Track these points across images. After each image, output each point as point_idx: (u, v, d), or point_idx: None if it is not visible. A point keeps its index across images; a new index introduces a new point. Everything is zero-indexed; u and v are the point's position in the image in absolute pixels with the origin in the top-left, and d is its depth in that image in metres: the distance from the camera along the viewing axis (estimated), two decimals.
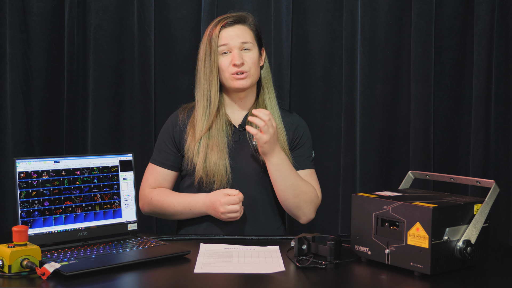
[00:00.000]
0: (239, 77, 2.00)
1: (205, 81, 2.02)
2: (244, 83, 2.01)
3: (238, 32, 2.02)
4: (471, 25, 2.63)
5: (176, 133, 2.08)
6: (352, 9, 2.67)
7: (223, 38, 2.01)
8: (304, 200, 2.02)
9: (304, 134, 2.12)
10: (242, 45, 2.01)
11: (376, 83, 2.68)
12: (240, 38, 2.01)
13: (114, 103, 2.75)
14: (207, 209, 1.98)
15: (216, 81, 2.01)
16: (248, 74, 2.01)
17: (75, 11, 2.70)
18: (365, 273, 1.60)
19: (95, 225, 1.82)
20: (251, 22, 2.07)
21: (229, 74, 2.00)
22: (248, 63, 2.01)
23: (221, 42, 2.00)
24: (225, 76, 2.01)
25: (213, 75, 2.01)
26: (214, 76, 2.01)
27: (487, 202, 1.61)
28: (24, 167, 1.70)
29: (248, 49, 2.03)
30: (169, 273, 1.59)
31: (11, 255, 1.48)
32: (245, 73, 2.00)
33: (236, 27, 2.03)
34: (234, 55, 1.99)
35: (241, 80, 2.00)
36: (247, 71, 2.01)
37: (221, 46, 2.01)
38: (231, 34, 2.01)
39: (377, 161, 2.70)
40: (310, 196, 2.03)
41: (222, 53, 2.01)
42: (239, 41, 2.01)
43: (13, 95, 2.68)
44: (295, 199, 2.00)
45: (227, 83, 2.02)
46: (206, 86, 2.02)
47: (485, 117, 2.58)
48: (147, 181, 2.11)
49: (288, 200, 2.01)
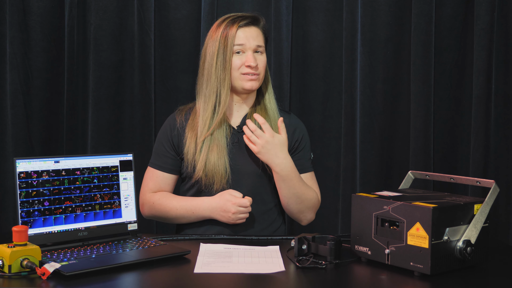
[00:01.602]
0: (251, 78, 2.00)
1: (216, 78, 1.99)
2: (254, 84, 2.01)
3: (254, 34, 2.02)
4: (471, 25, 2.63)
5: (174, 137, 2.07)
6: (352, 9, 2.67)
7: (240, 37, 2.00)
8: (306, 206, 2.04)
9: (303, 137, 2.12)
10: (256, 47, 2.01)
11: (376, 83, 2.68)
12: (256, 40, 2.01)
13: (114, 103, 2.75)
14: (212, 212, 1.98)
15: (229, 79, 1.99)
16: (258, 77, 2.01)
17: (75, 11, 2.70)
18: (365, 273, 1.60)
19: (95, 225, 1.82)
20: (263, 25, 2.07)
21: (239, 74, 2.00)
22: (260, 66, 2.02)
23: (237, 42, 1.99)
24: (235, 75, 2.00)
25: (226, 72, 1.99)
26: (227, 74, 1.99)
27: (487, 202, 1.61)
28: (24, 167, 1.70)
29: (260, 52, 2.03)
30: (169, 273, 1.59)
31: (11, 255, 1.48)
32: (256, 75, 2.00)
33: (252, 29, 2.03)
34: (249, 57, 1.99)
35: (252, 81, 2.00)
36: (258, 73, 2.01)
37: (237, 46, 1.99)
38: (248, 35, 2.00)
39: (377, 161, 2.70)
40: (313, 202, 2.05)
41: (235, 52, 2.00)
42: (255, 43, 2.01)
43: (13, 95, 2.67)
44: (298, 205, 2.02)
45: (236, 83, 2.01)
46: (216, 84, 1.99)
47: (485, 117, 2.58)
48: (147, 186, 2.10)
49: (291, 206, 2.03)
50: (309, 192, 2.04)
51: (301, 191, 2.00)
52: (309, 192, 2.03)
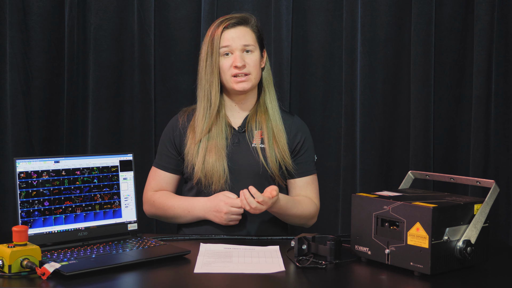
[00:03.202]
0: (240, 79, 2.00)
1: (206, 81, 2.01)
2: (245, 85, 2.01)
3: (240, 34, 2.02)
4: (471, 25, 2.63)
5: (176, 137, 2.08)
6: (352, 9, 2.67)
7: (225, 39, 2.00)
8: (307, 218, 2.08)
9: (306, 140, 2.11)
10: (244, 47, 2.01)
11: (376, 83, 2.68)
12: (242, 40, 2.01)
13: (114, 103, 2.75)
14: (206, 213, 1.99)
15: (216, 82, 2.01)
16: (249, 77, 2.01)
17: (75, 11, 2.70)
18: (365, 273, 1.60)
19: (95, 225, 1.82)
20: (253, 24, 2.06)
21: (229, 76, 2.00)
22: (250, 65, 2.01)
23: (223, 44, 2.00)
24: (226, 78, 2.01)
25: (213, 76, 2.00)
26: (214, 77, 2.00)
27: (487, 202, 1.61)
28: (24, 167, 1.70)
29: (250, 51, 2.02)
30: (169, 273, 1.59)
31: (11, 255, 1.48)
32: (246, 75, 2.00)
33: (238, 29, 2.02)
34: (236, 57, 1.99)
35: (242, 83, 2.00)
36: (248, 73, 2.00)
37: (223, 48, 2.00)
38: (233, 36, 2.01)
39: (377, 161, 2.70)
40: (311, 212, 2.08)
41: (223, 54, 2.01)
42: (241, 43, 2.01)
43: (13, 95, 2.68)
44: (300, 221, 2.08)
45: (228, 85, 2.02)
46: (206, 87, 2.02)
47: (485, 117, 2.58)
48: (149, 184, 2.12)
49: (294, 223, 2.09)
50: (306, 206, 2.06)
51: (299, 212, 2.03)
52: (306, 206, 2.06)
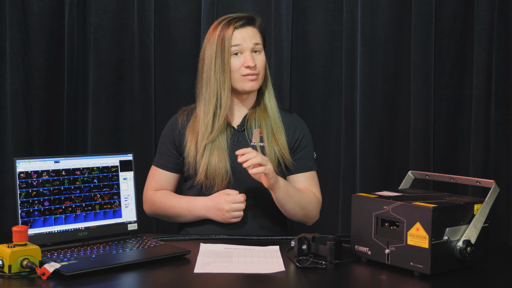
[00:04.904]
0: (251, 78, 1.99)
1: (216, 81, 1.99)
2: (255, 85, 2.01)
3: (251, 34, 2.01)
4: (471, 25, 2.63)
5: (176, 137, 2.08)
6: (352, 9, 2.67)
7: (237, 38, 1.99)
8: (310, 209, 2.04)
9: (305, 136, 2.11)
10: (254, 47, 2.01)
11: (376, 83, 2.68)
12: (253, 40, 2.01)
13: (114, 103, 2.75)
14: (207, 211, 1.99)
15: (228, 82, 1.98)
16: (258, 77, 2.01)
17: (75, 11, 2.70)
18: (365, 273, 1.60)
19: (95, 225, 1.82)
20: (260, 25, 2.07)
21: (239, 75, 1.99)
22: (259, 65, 2.01)
23: (234, 43, 1.99)
24: (235, 77, 2.00)
25: (225, 75, 1.98)
26: (227, 77, 1.98)
27: (487, 202, 1.60)
28: (24, 167, 1.70)
29: (258, 51, 2.02)
30: (169, 273, 1.59)
31: (11, 255, 1.48)
32: (256, 75, 2.00)
33: (248, 29, 2.02)
34: (247, 57, 1.99)
35: (252, 82, 2.00)
36: (258, 73, 2.01)
37: (234, 47, 1.99)
38: (244, 35, 2.00)
39: (377, 161, 2.70)
40: (314, 204, 2.06)
41: (233, 53, 2.00)
42: (252, 42, 2.00)
43: (13, 95, 2.68)
44: (302, 211, 2.02)
45: (236, 84, 2.01)
46: (216, 87, 1.99)
47: (485, 117, 2.58)
48: (149, 184, 2.12)
49: (297, 214, 2.03)
50: (308, 195, 2.04)
51: (300, 197, 2.00)
52: (307, 195, 2.04)
